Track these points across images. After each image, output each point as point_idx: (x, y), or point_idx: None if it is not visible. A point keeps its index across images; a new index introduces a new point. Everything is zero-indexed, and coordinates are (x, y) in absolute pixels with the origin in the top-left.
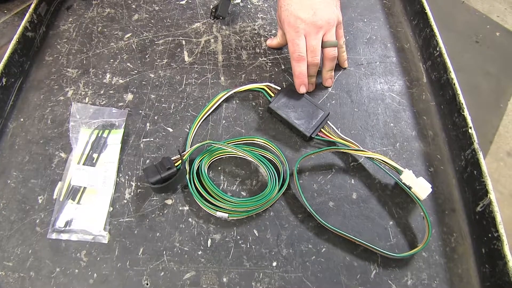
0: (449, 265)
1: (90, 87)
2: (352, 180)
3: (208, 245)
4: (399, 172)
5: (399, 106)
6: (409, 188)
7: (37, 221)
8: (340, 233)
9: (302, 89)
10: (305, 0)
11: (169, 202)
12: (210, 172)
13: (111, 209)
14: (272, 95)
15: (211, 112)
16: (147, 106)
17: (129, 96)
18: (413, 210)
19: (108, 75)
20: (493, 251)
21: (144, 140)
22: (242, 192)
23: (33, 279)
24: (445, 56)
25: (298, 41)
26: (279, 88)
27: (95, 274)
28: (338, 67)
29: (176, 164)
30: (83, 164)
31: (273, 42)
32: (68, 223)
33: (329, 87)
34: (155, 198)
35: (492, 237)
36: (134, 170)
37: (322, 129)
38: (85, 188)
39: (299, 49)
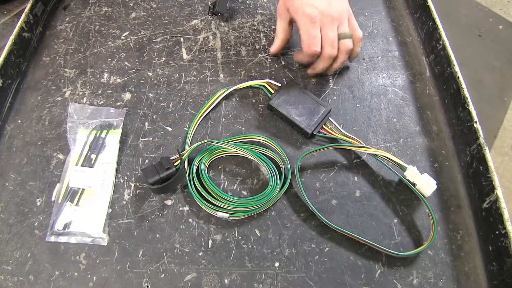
0: (456, 263)
1: (88, 87)
2: (355, 177)
3: (209, 246)
4: (403, 169)
5: (402, 101)
6: (414, 184)
7: (36, 223)
8: (344, 232)
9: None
10: None
11: (168, 202)
12: (210, 171)
13: (110, 210)
14: (272, 91)
15: (211, 110)
16: (146, 105)
17: (127, 96)
18: (418, 207)
19: (105, 75)
20: (501, 249)
21: (142, 139)
22: (243, 192)
23: (32, 283)
24: (449, 49)
25: (315, 33)
26: (279, 85)
27: (94, 277)
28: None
29: (175, 164)
30: (81, 165)
31: (276, 45)
32: (66, 226)
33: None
34: (154, 198)
35: (499, 234)
36: (133, 171)
37: (323, 126)
38: (83, 189)
39: (315, 42)
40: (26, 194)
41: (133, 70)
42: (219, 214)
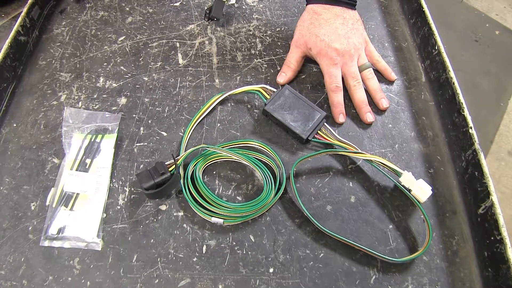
0: (451, 269)
1: (84, 91)
2: (350, 183)
3: (203, 252)
4: (398, 174)
5: (398, 107)
6: (409, 190)
7: (30, 228)
8: (339, 237)
9: (341, 118)
10: (338, 30)
11: (163, 207)
12: (205, 176)
13: (104, 215)
14: (268, 97)
15: (206, 115)
16: (141, 110)
17: (123, 100)
18: (413, 213)
19: (101, 79)
20: (496, 255)
21: (137, 144)
22: (237, 197)
23: None
24: (444, 54)
25: (336, 73)
26: (275, 90)
27: (88, 282)
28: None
29: (170, 169)
30: (76, 170)
31: (288, 76)
32: (61, 230)
33: (387, 107)
34: (149, 204)
35: (494, 240)
36: (128, 175)
37: (319, 131)
38: (78, 194)
39: (336, 81)
40: (20, 198)
41: (129, 75)
42: (214, 219)
